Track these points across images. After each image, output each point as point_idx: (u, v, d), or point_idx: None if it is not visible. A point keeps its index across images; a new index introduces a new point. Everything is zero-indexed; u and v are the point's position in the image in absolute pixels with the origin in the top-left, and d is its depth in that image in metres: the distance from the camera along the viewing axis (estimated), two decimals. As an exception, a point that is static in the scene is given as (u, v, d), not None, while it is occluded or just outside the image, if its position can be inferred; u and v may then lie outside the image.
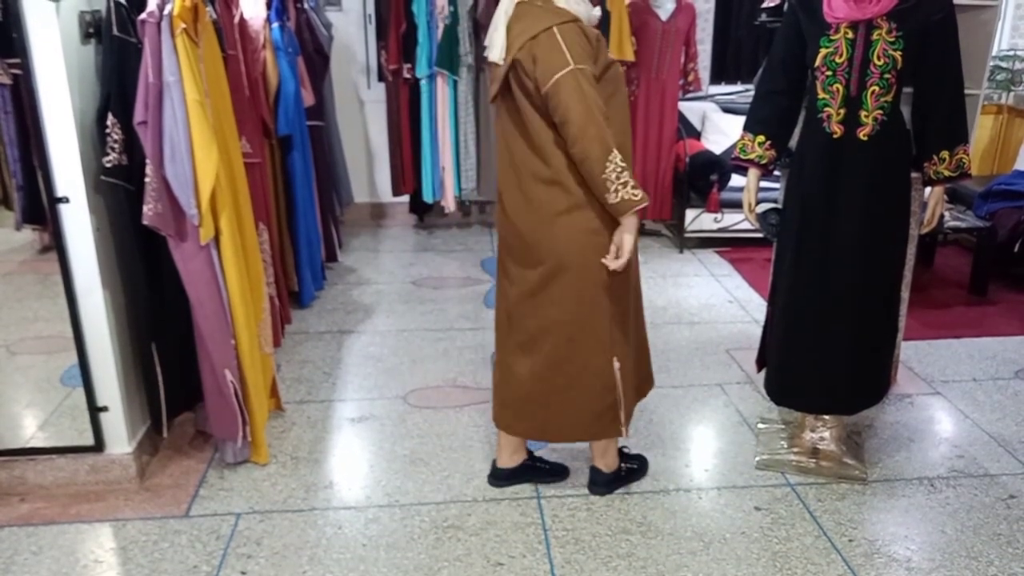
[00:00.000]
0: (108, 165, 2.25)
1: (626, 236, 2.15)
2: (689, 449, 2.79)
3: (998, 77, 5.45)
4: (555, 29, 2.03)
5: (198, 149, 2.23)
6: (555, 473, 2.57)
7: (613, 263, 2.15)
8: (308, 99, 3.84)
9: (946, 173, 2.37)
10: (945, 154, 2.35)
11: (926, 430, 2.91)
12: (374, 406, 3.03)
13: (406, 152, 4.95)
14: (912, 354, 3.48)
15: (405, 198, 5.27)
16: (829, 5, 2.25)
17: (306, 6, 4.05)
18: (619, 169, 2.05)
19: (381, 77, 4.96)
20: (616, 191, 2.06)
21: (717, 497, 2.51)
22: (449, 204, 5.01)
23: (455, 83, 4.72)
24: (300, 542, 2.28)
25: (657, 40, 4.71)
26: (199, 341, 2.44)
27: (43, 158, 2.17)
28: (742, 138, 2.53)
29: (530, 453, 2.57)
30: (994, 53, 4.88)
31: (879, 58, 2.22)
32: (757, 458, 2.69)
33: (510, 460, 2.52)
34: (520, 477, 2.54)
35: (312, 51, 4.04)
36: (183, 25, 2.16)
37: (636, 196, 2.08)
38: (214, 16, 2.53)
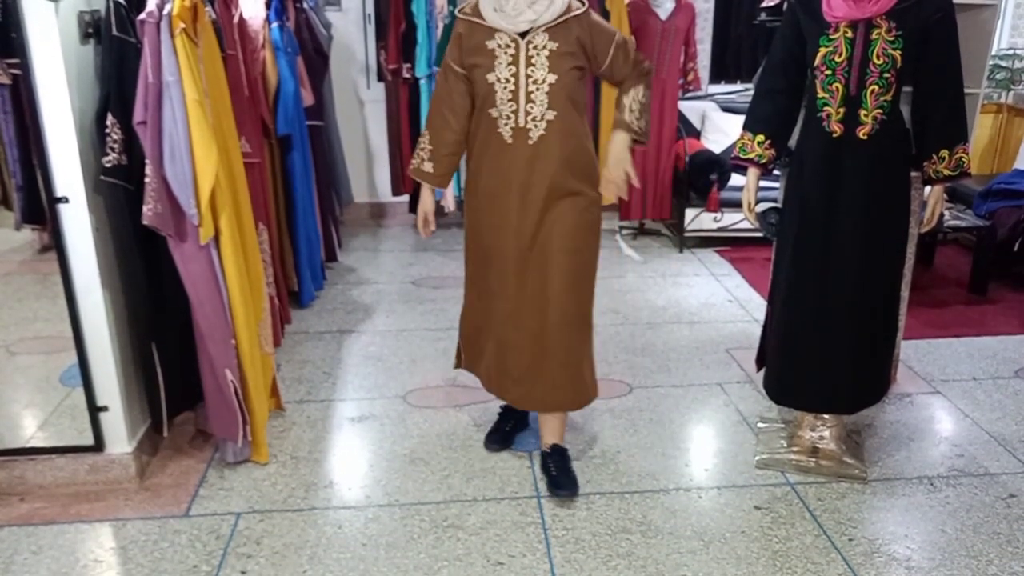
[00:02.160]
0: (108, 165, 2.25)
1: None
2: (689, 448, 2.79)
3: (997, 76, 5.45)
4: None
5: (197, 149, 2.23)
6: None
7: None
8: (308, 99, 3.84)
9: (946, 172, 2.37)
10: (945, 153, 2.35)
11: (926, 429, 2.91)
12: (374, 406, 3.03)
13: (405, 152, 4.95)
14: (912, 353, 3.48)
15: (405, 198, 5.27)
16: (828, 4, 2.25)
17: (305, 6, 4.05)
18: (419, 144, 2.47)
19: (380, 77, 4.96)
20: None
21: (717, 496, 2.51)
22: (449, 204, 4.94)
23: (455, 83, 4.71)
24: (300, 541, 2.28)
25: (657, 39, 4.71)
26: (199, 341, 2.44)
27: (43, 158, 2.17)
28: (742, 137, 2.53)
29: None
30: (993, 52, 4.89)
31: (878, 57, 2.22)
32: (757, 457, 2.69)
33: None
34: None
35: (311, 51, 4.04)
36: (182, 25, 2.16)
37: (411, 165, 2.52)
38: (213, 16, 2.53)
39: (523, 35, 2.20)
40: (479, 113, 2.33)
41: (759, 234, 3.16)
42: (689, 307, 4.05)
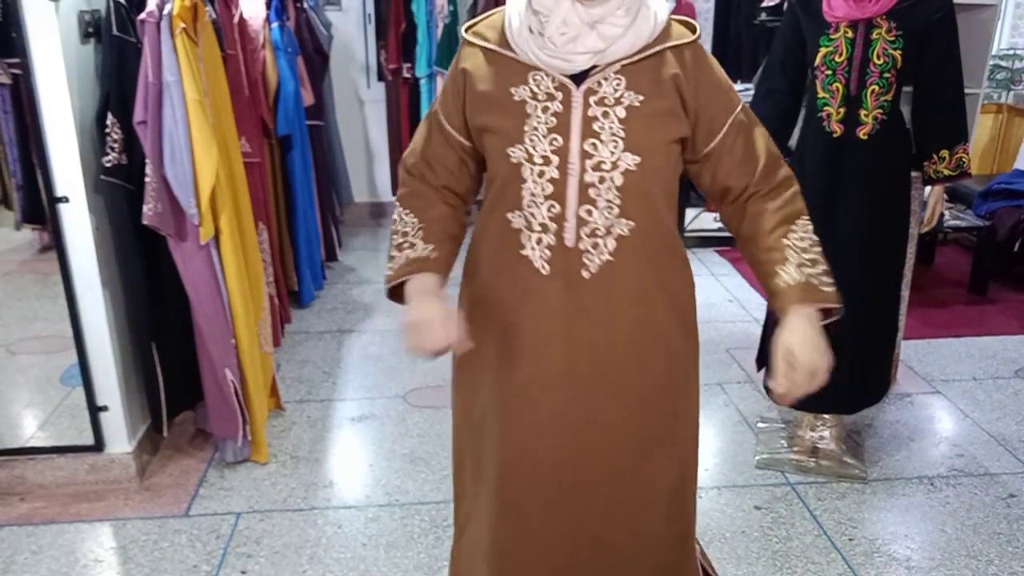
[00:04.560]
0: (108, 165, 2.25)
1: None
2: (689, 448, 2.78)
3: (998, 76, 5.45)
4: None
5: (198, 149, 2.23)
6: None
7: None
8: (308, 99, 3.85)
9: (946, 172, 2.37)
10: (945, 153, 2.35)
11: (926, 429, 2.91)
12: (374, 405, 3.03)
13: (405, 151, 4.95)
14: (912, 353, 3.48)
15: (405, 197, 5.27)
16: (829, 4, 2.25)
17: (306, 5, 4.05)
18: (395, 234, 1.46)
19: (381, 76, 4.96)
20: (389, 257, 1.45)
21: (717, 496, 2.51)
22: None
23: (455, 82, 4.71)
24: (300, 541, 2.28)
25: (657, 39, 4.69)
26: (199, 340, 2.44)
27: (43, 158, 2.17)
28: (742, 137, 2.52)
29: None
30: (994, 52, 4.89)
31: (879, 57, 2.22)
32: (757, 457, 2.69)
33: None
34: None
35: (312, 51, 4.05)
36: (182, 25, 2.16)
37: (389, 270, 1.44)
38: (213, 16, 2.53)
39: (579, 78, 1.23)
40: (488, 214, 1.35)
41: (759, 234, 3.16)
42: (689, 307, 4.04)
